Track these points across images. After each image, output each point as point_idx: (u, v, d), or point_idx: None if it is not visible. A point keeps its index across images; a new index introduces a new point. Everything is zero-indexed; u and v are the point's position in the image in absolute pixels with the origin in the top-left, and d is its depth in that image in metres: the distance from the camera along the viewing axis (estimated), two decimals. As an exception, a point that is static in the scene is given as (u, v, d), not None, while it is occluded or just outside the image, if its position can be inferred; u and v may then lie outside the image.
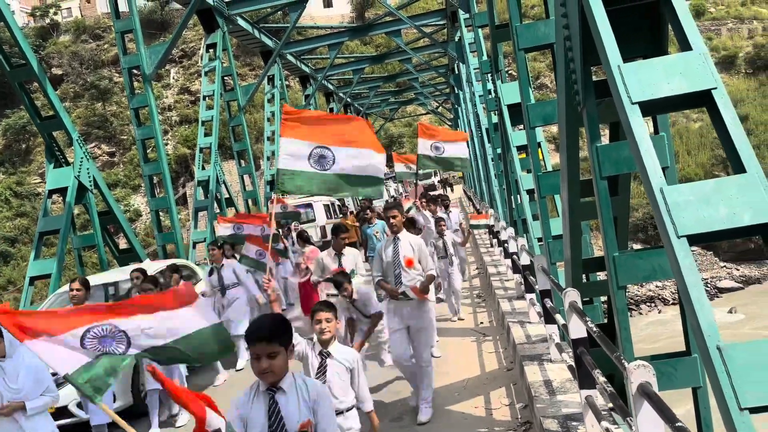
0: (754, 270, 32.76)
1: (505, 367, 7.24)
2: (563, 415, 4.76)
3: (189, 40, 57.83)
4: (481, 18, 16.12)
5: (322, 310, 4.35)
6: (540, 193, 7.60)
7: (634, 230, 32.85)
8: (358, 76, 34.19)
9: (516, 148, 10.31)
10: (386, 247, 6.13)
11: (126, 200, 50.10)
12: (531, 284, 7.82)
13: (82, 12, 63.85)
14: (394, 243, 6.10)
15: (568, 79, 4.69)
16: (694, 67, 3.48)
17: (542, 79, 49.51)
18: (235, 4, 20.13)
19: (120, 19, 15.20)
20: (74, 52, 58.20)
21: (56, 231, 12.25)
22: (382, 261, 6.10)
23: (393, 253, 6.05)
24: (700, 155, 40.12)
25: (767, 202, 3.07)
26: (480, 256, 14.77)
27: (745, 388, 2.70)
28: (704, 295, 2.96)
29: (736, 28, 51.36)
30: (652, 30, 4.40)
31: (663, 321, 27.10)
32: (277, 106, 25.24)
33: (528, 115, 7.38)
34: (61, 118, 12.34)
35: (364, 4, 60.46)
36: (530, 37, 7.18)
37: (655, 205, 3.21)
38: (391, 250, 6.09)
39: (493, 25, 11.32)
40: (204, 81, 19.68)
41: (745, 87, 46.29)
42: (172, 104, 56.79)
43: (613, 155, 4.34)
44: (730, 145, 3.30)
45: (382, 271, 6.12)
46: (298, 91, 40.64)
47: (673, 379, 4.47)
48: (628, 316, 4.30)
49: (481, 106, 17.72)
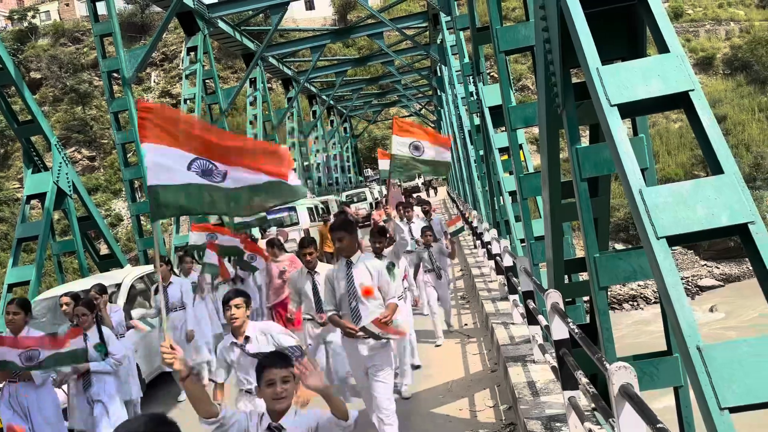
0: (734, 268, 33.17)
1: (489, 369, 7.26)
2: (547, 416, 4.77)
3: (170, 43, 57.41)
4: (463, 21, 16.18)
5: (234, 297, 4.23)
6: (522, 195, 7.63)
7: (615, 230, 33.12)
8: (340, 79, 34.16)
9: (498, 150, 10.37)
10: (338, 274, 4.99)
11: (107, 205, 49.58)
12: (514, 285, 7.85)
13: (61, 15, 63.13)
14: (347, 269, 4.94)
15: (548, 82, 4.72)
16: (671, 69, 3.51)
17: (524, 81, 49.77)
18: (215, 7, 20.02)
19: (99, 22, 15.03)
20: (53, 55, 57.49)
21: (35, 237, 12.08)
22: (335, 291, 5.00)
23: (347, 282, 4.93)
24: (680, 155, 40.57)
25: (744, 203, 3.10)
26: (464, 257, 14.80)
27: (725, 387, 2.72)
28: (684, 296, 2.98)
29: (714, 30, 52.03)
30: (630, 32, 4.43)
31: (645, 320, 27.34)
32: (259, 109, 25.15)
33: (509, 118, 7.42)
34: (38, 122, 12.18)
35: (346, 7, 60.40)
36: (510, 40, 7.21)
37: (634, 206, 3.23)
38: (344, 277, 4.94)
39: (473, 27, 11.39)
40: (185, 84, 19.55)
41: (723, 87, 46.90)
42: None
43: (593, 157, 4.36)
44: (708, 146, 3.33)
45: (335, 303, 5.00)
46: (280, 93, 40.55)
47: (655, 378, 4.50)
48: (609, 317, 4.32)
49: (464, 108, 17.79)
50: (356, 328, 4.83)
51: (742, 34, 50.73)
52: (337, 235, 5.00)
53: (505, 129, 8.72)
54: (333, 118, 44.62)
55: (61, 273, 13.08)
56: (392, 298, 4.98)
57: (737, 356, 2.79)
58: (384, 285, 4.95)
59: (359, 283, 4.89)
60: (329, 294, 5.03)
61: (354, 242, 5.01)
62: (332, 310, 5.00)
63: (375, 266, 4.99)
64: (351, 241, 4.98)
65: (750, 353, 2.80)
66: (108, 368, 5.90)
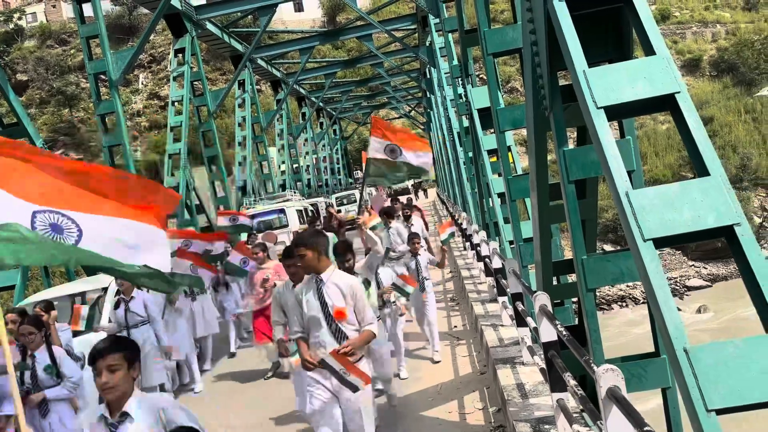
0: (722, 268, 33.43)
1: (478, 371, 7.25)
2: (536, 418, 4.77)
3: (158, 45, 57.17)
4: (451, 23, 16.21)
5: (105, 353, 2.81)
6: (511, 197, 7.64)
7: (604, 231, 33.28)
8: (330, 81, 34.17)
9: (487, 152, 10.38)
10: (306, 293, 4.31)
11: (95, 208, 49.23)
12: (503, 287, 7.85)
13: (48, 17, 62.68)
14: (317, 286, 4.27)
15: (536, 84, 4.72)
16: (657, 72, 3.52)
17: (513, 83, 49.96)
18: (204, 8, 19.97)
19: (85, 24, 14.93)
20: (40, 57, 57.08)
21: (21, 241, 11.95)
22: (303, 312, 4.30)
23: (317, 302, 4.25)
24: (668, 156, 40.85)
25: (730, 205, 3.11)
26: (454, 259, 14.81)
27: (711, 389, 2.72)
28: (671, 298, 2.99)
29: (701, 32, 52.51)
30: (616, 35, 4.45)
31: (634, 320, 27.49)
32: (248, 111, 25.07)
33: (497, 120, 7.42)
34: (24, 125, 12.05)
35: (336, 9, 60.40)
36: (498, 42, 7.23)
37: (621, 208, 3.23)
38: (313, 297, 4.27)
39: (462, 30, 11.41)
40: (173, 86, 19.46)
41: (710, 89, 47.33)
42: (141, 110, 56.04)
43: (580, 159, 4.37)
44: (694, 149, 3.34)
45: (302, 324, 4.34)
46: (269, 95, 40.46)
47: (643, 380, 4.51)
48: (597, 319, 4.33)
49: (453, 110, 17.81)
50: (314, 360, 4.15)
51: (728, 36, 51.26)
52: (299, 252, 4.28)
53: (493, 131, 8.74)
54: (322, 120, 44.60)
55: (47, 277, 12.93)
56: (369, 323, 4.31)
57: (724, 358, 2.80)
58: (360, 306, 4.28)
59: (331, 305, 4.22)
60: (297, 315, 4.35)
61: (322, 256, 4.29)
62: (299, 333, 4.34)
63: (347, 282, 4.30)
64: (317, 255, 4.25)
65: (736, 355, 2.81)
66: (65, 393, 5.32)
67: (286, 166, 31.75)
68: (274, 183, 28.25)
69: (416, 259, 8.12)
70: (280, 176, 30.74)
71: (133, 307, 7.29)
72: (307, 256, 4.26)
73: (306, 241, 4.29)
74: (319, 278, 4.28)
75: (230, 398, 8.03)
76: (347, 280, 4.34)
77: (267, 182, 28.00)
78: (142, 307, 7.32)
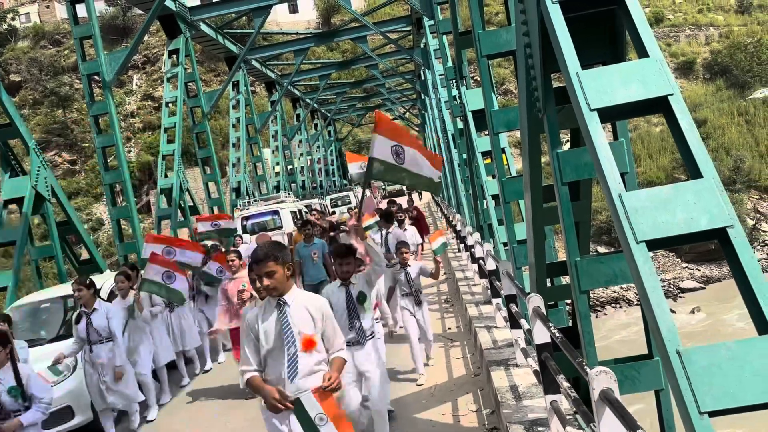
0: (715, 270, 33.56)
1: (472, 373, 7.25)
2: (529, 420, 4.76)
3: (152, 46, 57.04)
4: (446, 25, 16.23)
5: None
6: (505, 199, 7.65)
7: (598, 233, 33.37)
8: (324, 82, 34.14)
9: (481, 154, 10.40)
10: (264, 318, 3.54)
11: (88, 209, 49.05)
12: (497, 289, 7.85)
13: (41, 17, 62.43)
14: (279, 310, 3.53)
15: (529, 86, 4.73)
16: (650, 74, 3.53)
17: (507, 85, 50.06)
18: (198, 9, 19.93)
19: (79, 24, 14.88)
20: (33, 58, 56.83)
21: (13, 243, 11.89)
22: (259, 342, 3.51)
23: (279, 329, 3.50)
24: (662, 158, 40.99)
25: (723, 207, 3.12)
26: (448, 261, 14.81)
27: (704, 392, 2.73)
28: (664, 300, 2.99)
29: (694, 35, 52.77)
30: (610, 37, 4.46)
31: (627, 322, 27.56)
32: (242, 113, 25.03)
33: (492, 121, 7.43)
34: (16, 125, 12.00)
35: (330, 11, 60.39)
36: (492, 44, 7.24)
37: (614, 211, 3.23)
38: (275, 322, 3.52)
39: (456, 32, 11.42)
40: (166, 87, 19.41)
41: (703, 92, 47.55)
42: (134, 111, 55.88)
43: (574, 161, 4.38)
44: (687, 151, 3.35)
45: (258, 360, 3.53)
46: (264, 97, 40.43)
47: (636, 382, 4.52)
48: (590, 321, 4.33)
49: (447, 112, 17.84)
50: (286, 402, 3.34)
51: (722, 39, 51.53)
52: (266, 268, 3.48)
53: (487, 133, 8.75)
54: (317, 121, 44.59)
55: (39, 279, 12.88)
56: (339, 349, 3.61)
57: (716, 360, 2.80)
58: (330, 331, 3.61)
59: (298, 331, 3.49)
60: (250, 347, 3.53)
61: (286, 276, 3.53)
62: (253, 371, 3.51)
63: (318, 305, 3.61)
64: (285, 273, 3.53)
65: (729, 357, 2.81)
66: (40, 417, 4.89)
67: (281, 167, 31.72)
68: (268, 184, 28.22)
69: (405, 271, 7.37)
70: (274, 178, 30.73)
71: (95, 320, 6.59)
72: (278, 274, 3.49)
73: (276, 253, 3.51)
74: (282, 301, 3.52)
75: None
76: (315, 302, 3.64)
77: (261, 184, 27.97)
78: (105, 320, 6.62)
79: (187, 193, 18.80)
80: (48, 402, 4.96)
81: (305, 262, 9.41)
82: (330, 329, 3.63)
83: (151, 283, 7.49)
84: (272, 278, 3.47)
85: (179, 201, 17.90)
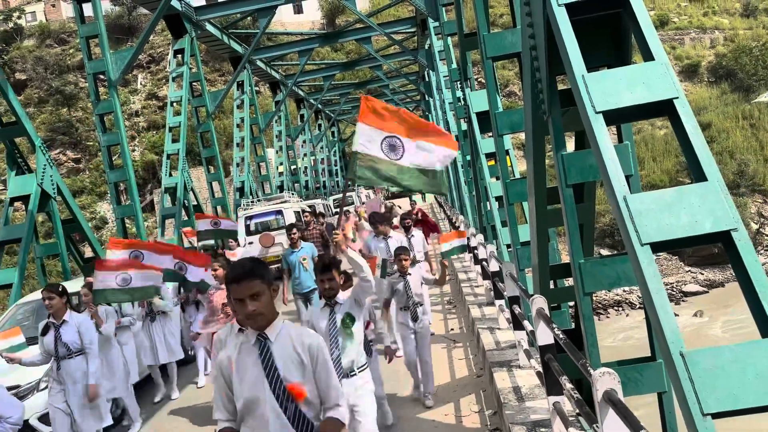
0: (718, 274, 33.47)
1: (474, 374, 7.26)
2: (532, 421, 4.78)
3: (157, 45, 57.13)
4: (451, 26, 16.26)
5: None
6: (508, 200, 7.66)
7: (601, 236, 33.32)
8: (328, 83, 34.19)
9: (485, 156, 10.41)
10: (240, 360, 2.83)
11: (92, 207, 49.17)
12: (500, 291, 7.87)
13: (47, 16, 62.60)
14: (260, 348, 2.80)
15: (534, 88, 4.74)
16: (656, 77, 3.54)
17: (511, 87, 50.02)
18: (203, 9, 19.98)
19: (85, 23, 14.92)
20: (38, 56, 56.98)
21: (18, 240, 11.94)
22: (231, 388, 2.83)
23: (258, 374, 2.80)
24: (666, 162, 40.90)
25: (727, 210, 3.13)
26: (451, 262, 14.83)
27: (707, 393, 2.74)
28: (667, 302, 3.00)
29: (699, 38, 52.66)
30: (615, 40, 4.47)
31: (630, 325, 27.51)
32: (246, 113, 25.08)
33: (496, 123, 7.44)
34: (23, 124, 12.05)
35: (335, 11, 60.43)
36: (497, 46, 7.25)
37: (618, 213, 3.24)
38: (252, 365, 2.81)
39: (461, 33, 11.43)
40: (171, 86, 19.47)
41: (708, 95, 47.43)
42: (139, 110, 55.99)
43: (578, 163, 4.39)
44: (691, 154, 3.36)
45: (232, 409, 2.85)
46: (268, 97, 40.44)
47: (639, 384, 4.53)
48: (594, 323, 4.34)
49: (451, 114, 17.84)
50: None
51: (727, 42, 51.40)
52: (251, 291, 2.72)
53: (491, 134, 8.76)
54: (321, 121, 44.62)
55: (44, 276, 12.94)
56: (336, 405, 2.87)
57: (720, 362, 2.81)
58: (324, 379, 2.83)
59: (282, 376, 2.77)
60: (222, 395, 2.83)
61: (272, 299, 2.82)
62: (226, 420, 2.83)
63: (308, 343, 2.83)
64: (271, 297, 2.80)
65: (732, 359, 2.82)
66: None
67: (284, 167, 31.74)
68: (272, 184, 28.25)
69: (405, 280, 6.43)
70: (278, 177, 30.74)
71: (65, 334, 5.95)
72: (265, 297, 2.75)
73: (262, 271, 2.77)
74: (263, 336, 2.78)
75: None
76: (306, 339, 2.84)
77: (265, 183, 28.01)
78: (76, 334, 5.97)
79: (191, 192, 18.85)
80: (14, 422, 4.61)
81: (294, 269, 8.74)
82: (324, 376, 2.84)
83: (105, 292, 6.59)
84: (258, 301, 2.72)
85: (183, 200, 17.94)
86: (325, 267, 4.37)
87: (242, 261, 2.87)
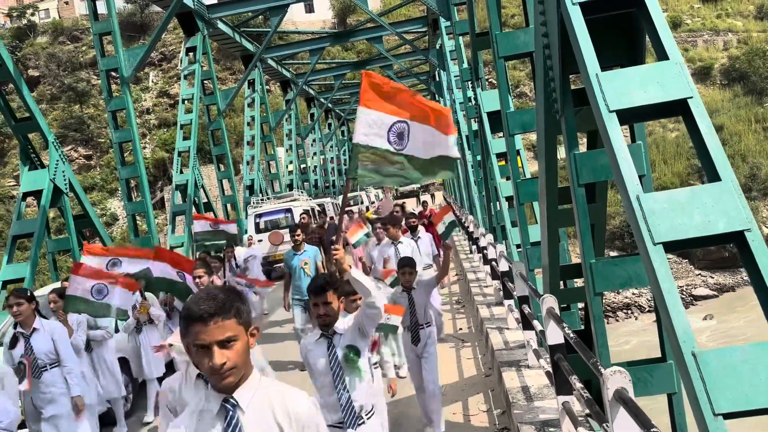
0: (728, 278, 33.24)
1: (483, 373, 7.26)
2: (540, 421, 4.77)
3: (169, 43, 57.40)
4: (462, 26, 16.24)
5: None
6: (519, 200, 7.64)
7: (611, 238, 33.17)
8: (339, 82, 34.24)
9: (495, 156, 10.40)
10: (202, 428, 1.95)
11: (102, 204, 49.48)
12: (509, 290, 7.86)
13: (60, 13, 63.05)
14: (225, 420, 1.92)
15: (547, 87, 4.74)
16: (670, 77, 3.53)
17: (522, 88, 49.90)
18: (215, 7, 20.07)
19: (98, 20, 15.04)
20: (51, 53, 57.41)
21: (30, 234, 12.05)
22: None
23: None
24: (677, 164, 40.69)
25: (741, 210, 3.11)
26: (460, 262, 14.81)
27: (719, 394, 2.73)
28: (679, 302, 2.99)
29: (712, 40, 52.31)
30: (629, 39, 4.46)
31: (639, 329, 27.38)
32: (257, 111, 25.17)
33: (507, 123, 7.43)
34: (36, 120, 12.16)
35: (346, 11, 60.50)
36: (509, 46, 7.23)
37: (631, 212, 3.24)
38: None
39: (473, 33, 11.42)
40: (183, 84, 19.58)
41: (720, 98, 47.11)
42: (150, 107, 56.30)
43: (591, 163, 4.38)
44: (705, 154, 3.34)
45: None
46: (278, 95, 40.56)
47: (649, 385, 4.51)
48: (604, 323, 4.34)
49: (462, 114, 17.82)
50: None
51: (740, 44, 51.02)
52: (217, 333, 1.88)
53: (502, 134, 8.74)
54: (331, 120, 44.68)
55: (55, 271, 13.05)
56: None
57: (732, 363, 2.80)
58: None
59: None
60: None
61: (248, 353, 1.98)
62: None
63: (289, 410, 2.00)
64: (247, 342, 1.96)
65: (744, 360, 2.81)
66: None
67: (294, 166, 31.82)
68: (281, 183, 28.34)
69: (410, 296, 5.54)
70: (287, 176, 30.83)
71: (37, 344, 5.32)
72: (240, 343, 1.93)
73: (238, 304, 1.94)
74: (231, 403, 1.94)
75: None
76: (290, 403, 2.00)
77: (274, 182, 28.10)
78: (50, 343, 5.34)
79: (201, 189, 18.93)
80: (6, 427, 4.35)
81: (295, 274, 8.01)
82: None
83: (77, 301, 5.96)
84: (230, 349, 1.90)
85: (194, 197, 18.03)
86: (319, 288, 3.43)
87: (209, 291, 1.96)
